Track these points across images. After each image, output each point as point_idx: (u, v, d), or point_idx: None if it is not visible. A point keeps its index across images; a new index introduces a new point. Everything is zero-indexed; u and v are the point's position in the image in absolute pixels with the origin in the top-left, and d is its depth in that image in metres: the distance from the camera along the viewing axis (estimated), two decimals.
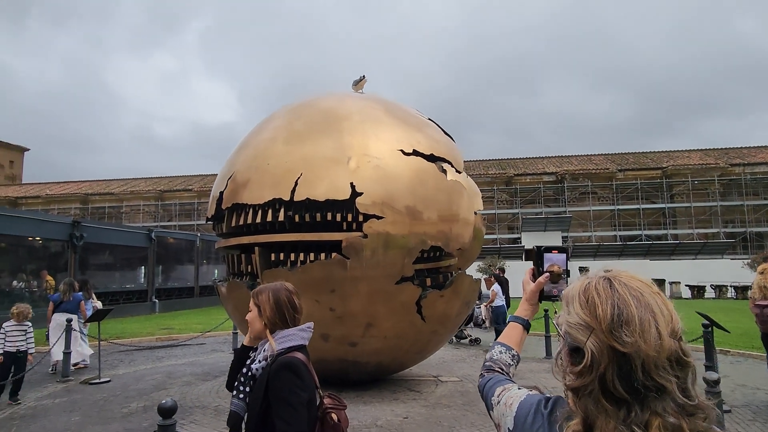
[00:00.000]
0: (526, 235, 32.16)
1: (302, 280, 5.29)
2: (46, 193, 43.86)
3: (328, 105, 6.26)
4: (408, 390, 6.47)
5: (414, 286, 5.54)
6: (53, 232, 16.48)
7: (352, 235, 5.29)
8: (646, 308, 0.91)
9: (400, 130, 5.93)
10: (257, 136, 6.28)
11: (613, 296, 0.93)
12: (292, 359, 1.90)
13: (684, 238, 33.57)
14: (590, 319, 0.92)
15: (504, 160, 42.46)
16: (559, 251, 1.44)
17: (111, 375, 8.03)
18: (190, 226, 36.91)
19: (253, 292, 2.07)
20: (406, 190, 5.47)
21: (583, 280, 1.02)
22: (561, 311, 1.03)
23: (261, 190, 5.56)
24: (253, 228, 5.77)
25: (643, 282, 0.98)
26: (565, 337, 0.98)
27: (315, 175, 5.40)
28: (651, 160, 38.59)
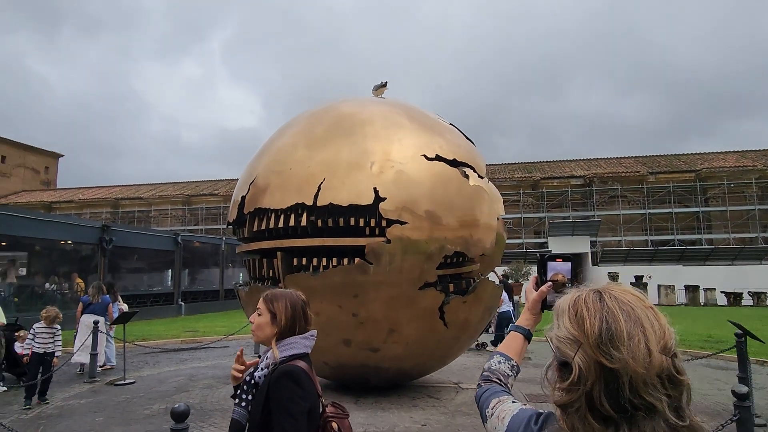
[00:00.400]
0: (552, 239, 31.55)
1: (325, 285, 5.29)
2: (78, 197, 45.29)
3: (349, 110, 6.22)
4: (428, 396, 6.35)
5: (437, 292, 5.49)
6: (84, 235, 16.95)
7: (375, 240, 5.26)
8: (635, 323, 0.88)
9: (423, 135, 5.89)
10: (278, 141, 6.28)
11: (602, 310, 0.91)
12: (294, 367, 1.85)
13: (719, 243, 32.39)
14: (578, 333, 0.90)
15: (530, 164, 41.84)
16: (563, 260, 1.41)
17: (135, 376, 8.15)
18: (216, 230, 37.50)
19: (267, 297, 2.01)
20: (429, 196, 5.44)
21: (573, 293, 0.99)
22: (551, 326, 1.00)
23: (283, 195, 5.56)
24: (274, 233, 5.75)
25: (636, 296, 0.95)
26: (554, 351, 0.95)
27: (338, 180, 5.39)
28: (684, 162, 37.42)
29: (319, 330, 5.50)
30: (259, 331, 1.99)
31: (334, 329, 5.49)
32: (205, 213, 41.33)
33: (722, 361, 9.04)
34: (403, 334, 5.55)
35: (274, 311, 1.96)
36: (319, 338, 5.75)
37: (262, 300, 2.02)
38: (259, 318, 1.99)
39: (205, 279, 24.34)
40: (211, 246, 24.04)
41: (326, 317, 5.43)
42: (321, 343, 5.57)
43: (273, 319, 1.96)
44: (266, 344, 1.98)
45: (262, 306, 2.00)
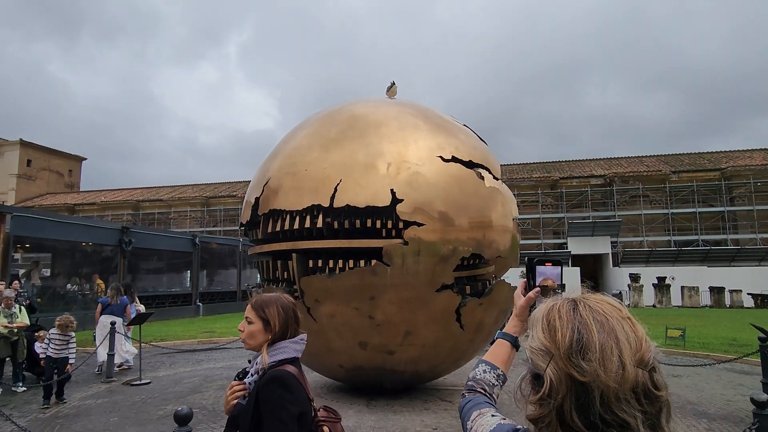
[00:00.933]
0: (572, 240, 31.04)
1: (341, 287, 5.24)
2: (101, 200, 46.23)
3: (363, 111, 6.17)
4: (440, 400, 6.26)
5: (453, 294, 5.43)
6: (104, 237, 17.26)
7: (392, 242, 5.21)
8: (609, 334, 0.84)
9: (438, 136, 5.85)
10: (292, 142, 6.23)
11: (575, 320, 0.87)
12: (282, 372, 1.81)
13: (746, 244, 31.47)
14: (550, 344, 0.87)
15: (549, 163, 41.26)
16: (553, 264, 1.36)
17: (152, 377, 8.23)
18: (234, 231, 37.88)
19: (256, 304, 1.95)
20: (446, 197, 5.40)
21: (548, 302, 0.96)
22: (528, 334, 0.97)
23: (299, 196, 5.52)
24: (288, 234, 5.71)
25: (613, 305, 0.91)
26: (528, 363, 0.92)
27: (354, 181, 5.34)
28: (708, 161, 36.48)
29: (334, 332, 5.43)
30: (251, 340, 1.93)
31: (349, 332, 5.45)
32: (223, 214, 41.78)
33: (747, 366, 8.75)
34: (419, 337, 5.49)
35: (266, 318, 1.91)
36: (334, 341, 5.63)
37: (250, 307, 1.95)
38: (250, 326, 1.93)
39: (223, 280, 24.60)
40: (229, 247, 24.28)
41: (342, 319, 5.39)
42: (336, 346, 5.54)
43: (266, 325, 1.91)
44: (258, 351, 1.93)
45: (251, 313, 1.94)
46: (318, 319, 5.45)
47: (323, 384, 7.06)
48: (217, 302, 22.41)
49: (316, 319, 5.45)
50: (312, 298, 5.41)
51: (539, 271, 1.34)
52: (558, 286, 1.31)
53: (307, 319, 5.37)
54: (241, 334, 1.97)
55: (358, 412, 5.67)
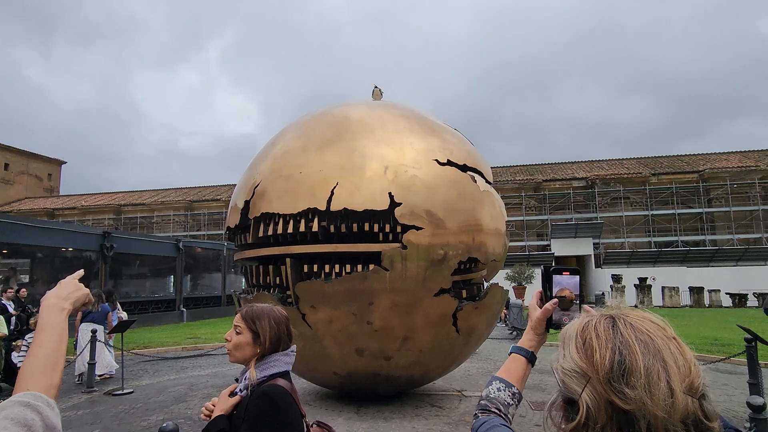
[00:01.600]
0: (555, 242, 31.38)
1: (339, 292, 5.16)
2: (81, 204, 45.35)
3: (359, 114, 6.09)
4: (430, 405, 6.24)
5: (451, 298, 5.43)
6: (85, 242, 16.93)
7: (391, 246, 5.16)
8: (655, 356, 0.76)
9: (434, 140, 5.82)
10: (282, 144, 6.08)
11: (615, 339, 0.79)
12: (273, 388, 1.73)
13: (723, 244, 32.18)
14: (586, 365, 0.79)
15: (532, 166, 41.70)
16: (571, 273, 1.26)
17: (134, 386, 8.06)
18: (219, 236, 37.47)
19: (247, 314, 1.85)
20: (443, 201, 5.37)
21: (582, 318, 0.87)
22: (558, 353, 0.87)
23: (294, 200, 5.37)
24: (281, 239, 5.56)
25: (656, 323, 0.82)
26: (559, 385, 0.84)
27: (352, 184, 5.25)
28: (686, 163, 37.25)
29: (331, 339, 5.37)
30: (237, 351, 1.82)
31: (346, 338, 5.36)
32: (207, 219, 41.30)
33: (730, 365, 8.90)
34: (416, 342, 5.46)
35: (256, 330, 1.80)
36: (330, 347, 5.54)
37: (240, 317, 1.85)
38: (239, 337, 1.82)
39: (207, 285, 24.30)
40: (213, 252, 24.00)
41: (340, 326, 5.29)
42: (332, 352, 5.47)
43: (255, 338, 1.80)
44: (244, 364, 1.84)
45: (241, 324, 1.83)
46: (313, 326, 5.34)
47: (311, 391, 6.99)
48: (202, 307, 22.12)
49: (312, 325, 5.33)
50: (308, 303, 5.29)
51: (556, 281, 1.25)
52: (576, 296, 1.23)
53: (301, 326, 5.28)
54: (227, 344, 1.84)
55: (348, 420, 5.62)
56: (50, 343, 1.04)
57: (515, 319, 14.45)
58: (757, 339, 5.77)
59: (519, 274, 24.07)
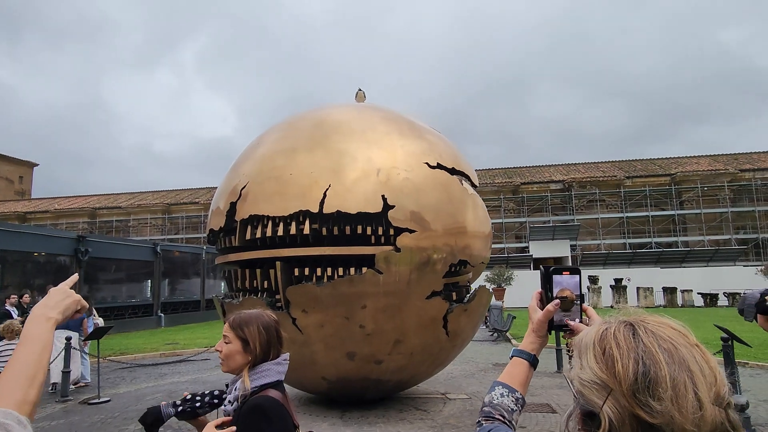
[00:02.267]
0: (533, 244, 31.83)
1: (332, 295, 5.10)
2: (54, 207, 44.15)
3: (347, 116, 6.06)
4: (414, 409, 6.26)
5: (442, 301, 5.46)
6: (58, 247, 16.49)
7: (384, 248, 5.14)
8: (681, 366, 0.72)
9: (423, 143, 5.83)
10: (269, 145, 5.94)
11: (638, 348, 0.75)
12: (265, 400, 1.68)
13: (695, 245, 33.09)
14: (607, 376, 0.74)
15: (510, 169, 42.23)
16: (571, 273, 1.23)
17: (111, 394, 7.88)
18: (197, 239, 36.91)
19: (234, 322, 1.80)
20: (435, 204, 5.38)
21: (599, 326, 0.83)
22: (573, 362, 0.84)
23: (284, 202, 5.25)
24: (269, 241, 5.43)
25: (677, 330, 0.78)
26: (577, 397, 0.79)
27: (344, 187, 5.19)
28: (659, 166, 38.21)
29: (322, 344, 5.30)
30: (229, 361, 1.77)
31: (338, 342, 5.30)
32: (185, 222, 40.66)
33: None
34: (408, 345, 5.46)
35: (245, 338, 1.76)
36: (321, 352, 5.45)
37: (228, 326, 1.80)
38: (228, 346, 1.77)
39: (186, 289, 23.87)
40: (192, 255, 23.63)
41: (332, 330, 5.23)
42: (322, 358, 5.40)
43: (245, 346, 1.76)
44: (236, 374, 1.80)
45: (230, 333, 1.78)
46: (304, 330, 5.24)
47: (294, 396, 6.93)
48: (180, 312, 21.74)
49: (302, 330, 5.24)
50: (299, 308, 5.19)
51: (556, 281, 1.21)
52: (576, 297, 1.20)
53: (291, 331, 5.19)
54: (219, 354, 1.81)
55: (332, 425, 5.59)
56: (30, 356, 0.99)
57: (496, 320, 14.59)
58: (733, 338, 5.95)
59: (498, 276, 24.32)
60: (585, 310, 1.20)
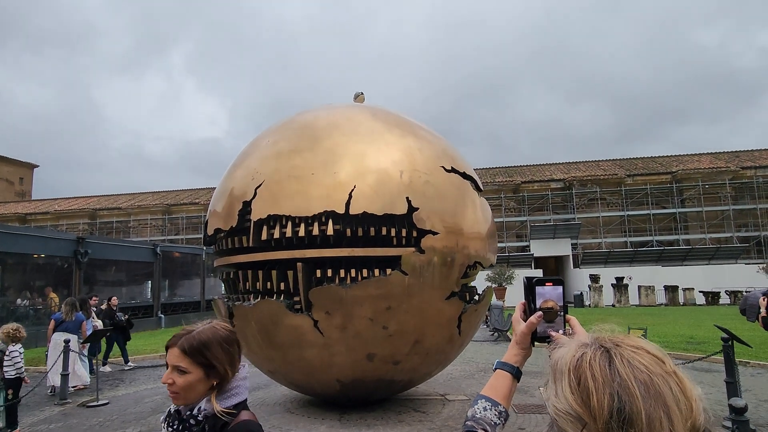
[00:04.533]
0: (534, 242, 31.77)
1: (358, 297, 5.07)
2: (54, 208, 44.16)
3: (363, 117, 6.03)
4: (413, 411, 6.22)
5: (459, 301, 5.58)
6: (58, 248, 16.46)
7: (408, 250, 5.18)
8: (656, 400, 0.71)
9: (437, 147, 5.94)
10: (287, 143, 5.72)
11: (613, 382, 0.73)
12: (252, 426, 1.51)
13: (696, 243, 33.01)
14: (582, 410, 0.73)
15: (511, 168, 42.18)
16: (554, 283, 1.22)
17: (110, 396, 7.85)
18: (197, 240, 36.89)
19: (191, 347, 1.50)
20: (453, 207, 5.51)
21: (575, 349, 0.81)
22: (548, 385, 0.82)
23: (307, 202, 5.14)
24: (284, 242, 5.26)
25: (653, 355, 0.77)
26: (552, 423, 0.78)
27: (371, 188, 5.17)
28: (660, 164, 38.13)
29: (342, 345, 5.25)
30: (188, 393, 1.50)
31: (360, 344, 5.26)
32: (185, 223, 40.66)
33: (706, 363, 9.10)
34: (425, 345, 5.52)
35: (209, 363, 1.50)
36: (341, 354, 5.37)
37: (179, 353, 1.51)
38: (186, 377, 1.49)
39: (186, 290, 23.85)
40: (192, 256, 23.60)
41: (354, 332, 5.17)
42: (341, 360, 5.33)
43: (208, 371, 1.50)
44: (195, 403, 1.54)
45: (184, 361, 1.49)
46: (325, 333, 5.16)
47: (292, 398, 6.91)
48: (180, 313, 21.71)
49: (324, 332, 5.16)
50: (322, 310, 5.11)
51: (539, 292, 1.20)
52: (560, 308, 1.19)
53: (311, 334, 5.12)
54: (170, 387, 1.50)
55: (330, 428, 5.56)
56: None
57: (496, 320, 14.55)
58: (733, 338, 5.90)
59: (499, 275, 24.25)
60: (568, 321, 1.18)
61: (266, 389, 7.51)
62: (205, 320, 1.64)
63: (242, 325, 5.50)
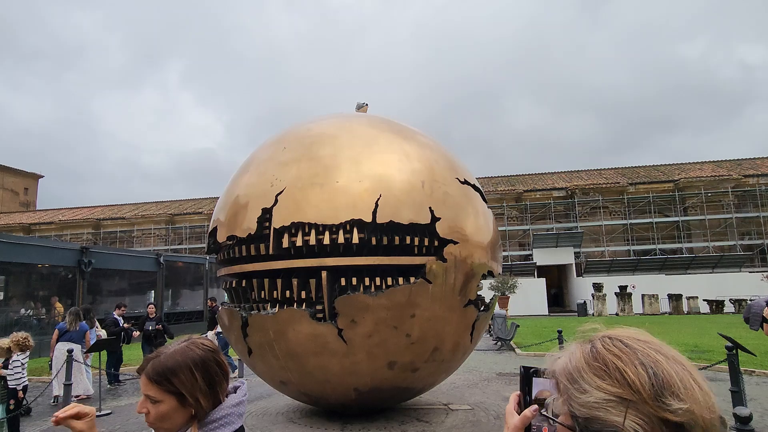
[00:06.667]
0: (537, 251, 31.72)
1: (383, 305, 5.09)
2: (59, 218, 44.36)
3: (382, 126, 6.10)
4: (416, 420, 6.21)
5: (475, 308, 5.71)
6: (62, 258, 16.54)
7: (431, 258, 5.29)
8: (675, 361, 0.74)
9: (450, 159, 6.09)
10: (306, 151, 5.66)
11: (637, 354, 0.74)
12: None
13: (699, 252, 32.90)
14: (622, 389, 0.71)
15: (513, 177, 42.23)
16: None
17: (113, 407, 7.87)
18: (200, 249, 36.97)
19: (156, 373, 1.33)
20: (469, 217, 5.66)
21: (580, 347, 0.80)
22: (551, 396, 0.80)
23: (334, 210, 5.12)
24: (305, 250, 5.20)
25: (641, 333, 0.80)
26: (579, 426, 0.74)
27: (395, 197, 5.22)
28: (662, 173, 38.13)
29: (365, 354, 5.25)
30: (165, 424, 1.33)
31: (382, 352, 5.24)
32: (188, 232, 40.77)
33: (711, 372, 9.06)
34: (442, 352, 5.59)
35: (177, 391, 1.31)
36: (363, 363, 5.33)
37: (146, 380, 1.33)
38: (158, 407, 1.31)
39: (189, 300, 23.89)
40: (195, 266, 23.66)
41: (379, 340, 5.15)
42: (362, 368, 5.33)
43: (181, 400, 1.32)
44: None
45: (153, 389, 1.32)
46: (349, 341, 5.10)
47: (295, 408, 6.90)
48: (184, 323, 21.72)
49: (348, 341, 5.10)
50: (348, 318, 5.06)
51: (536, 383, 1.09)
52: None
53: (334, 342, 5.10)
54: (146, 418, 1.34)
55: None
56: None
57: (499, 329, 14.51)
58: (738, 347, 5.89)
59: (502, 284, 24.22)
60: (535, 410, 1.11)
61: (268, 399, 7.51)
62: (183, 338, 1.45)
63: (258, 335, 5.44)
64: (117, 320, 10.93)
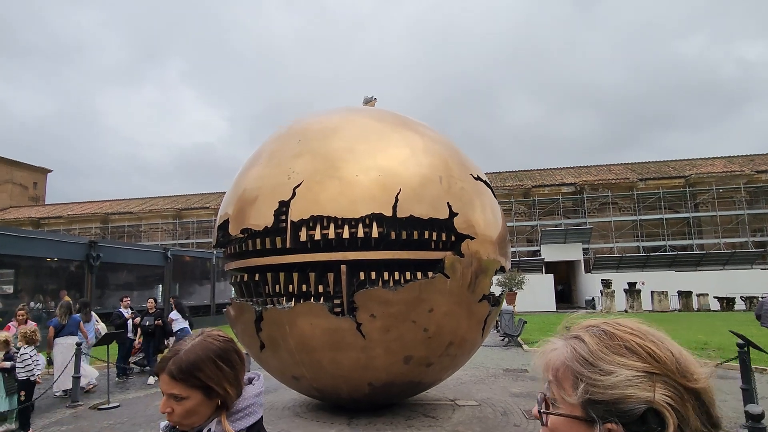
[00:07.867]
0: (545, 247, 31.51)
1: (402, 300, 5.07)
2: (67, 213, 44.72)
3: (394, 121, 6.08)
4: (423, 416, 6.16)
5: (488, 303, 5.75)
6: (70, 252, 16.62)
7: (448, 253, 5.29)
8: (672, 342, 0.79)
9: (461, 156, 6.11)
10: (322, 143, 5.57)
11: (648, 334, 0.78)
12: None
13: (710, 248, 32.52)
14: (647, 363, 0.72)
15: (521, 172, 41.96)
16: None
17: (121, 399, 7.89)
18: (208, 244, 37.10)
19: (180, 371, 1.31)
20: (483, 213, 5.70)
21: (588, 336, 0.79)
22: (560, 386, 0.78)
23: (353, 203, 5.06)
24: (322, 244, 5.13)
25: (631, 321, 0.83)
26: (609, 408, 0.71)
27: (414, 192, 5.18)
28: (673, 168, 37.70)
29: (382, 348, 5.21)
30: (192, 418, 1.33)
31: (400, 346, 5.22)
32: (196, 227, 40.93)
33: (721, 370, 8.94)
34: (456, 347, 5.64)
35: (205, 384, 1.32)
36: (380, 357, 5.39)
37: (169, 379, 1.32)
38: (184, 403, 1.32)
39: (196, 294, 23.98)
40: (202, 260, 23.73)
41: (397, 334, 5.14)
42: (379, 363, 5.28)
43: (208, 393, 1.33)
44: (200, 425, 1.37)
45: (178, 387, 1.31)
46: (367, 336, 5.07)
47: (302, 402, 6.88)
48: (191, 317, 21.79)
49: (366, 335, 5.07)
50: (367, 312, 5.02)
51: None
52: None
53: (352, 336, 5.05)
54: (170, 417, 1.33)
55: None
56: None
57: (507, 325, 14.42)
58: (749, 344, 5.78)
59: (510, 279, 24.10)
60: None
61: (275, 393, 7.49)
62: (196, 334, 1.43)
63: (273, 330, 5.36)
64: (121, 313, 11.05)
